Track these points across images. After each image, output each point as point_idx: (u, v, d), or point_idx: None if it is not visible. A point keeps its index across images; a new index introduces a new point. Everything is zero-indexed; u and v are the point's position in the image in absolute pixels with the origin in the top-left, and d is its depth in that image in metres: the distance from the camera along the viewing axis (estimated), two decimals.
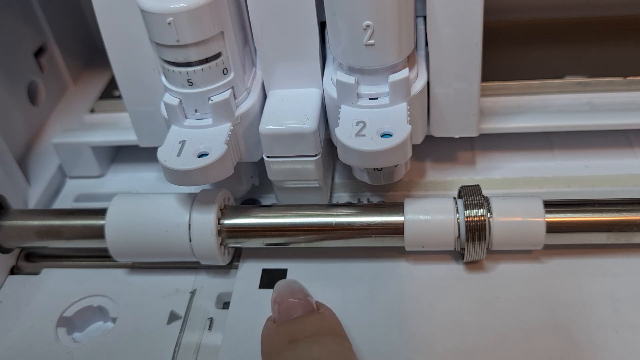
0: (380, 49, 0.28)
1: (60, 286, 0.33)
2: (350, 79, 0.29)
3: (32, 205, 0.37)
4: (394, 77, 0.29)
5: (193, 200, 0.31)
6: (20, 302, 0.33)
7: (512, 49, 0.40)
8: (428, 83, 0.32)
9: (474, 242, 0.30)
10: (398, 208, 0.30)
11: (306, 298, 0.27)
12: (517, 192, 0.35)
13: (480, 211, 0.30)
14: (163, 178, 0.29)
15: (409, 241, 0.30)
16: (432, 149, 0.37)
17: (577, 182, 0.35)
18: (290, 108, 0.31)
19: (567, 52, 0.39)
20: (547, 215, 0.30)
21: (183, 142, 0.29)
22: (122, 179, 0.40)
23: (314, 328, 0.25)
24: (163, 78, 0.30)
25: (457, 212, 0.30)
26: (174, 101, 0.30)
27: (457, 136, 0.34)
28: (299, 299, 0.27)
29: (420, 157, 0.38)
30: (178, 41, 0.28)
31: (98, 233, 0.32)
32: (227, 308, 0.31)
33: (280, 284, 0.28)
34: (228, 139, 0.29)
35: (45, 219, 0.33)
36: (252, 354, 0.29)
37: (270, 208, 0.32)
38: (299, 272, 0.32)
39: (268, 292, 0.31)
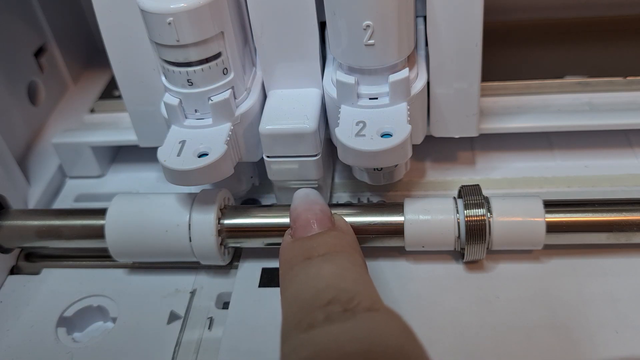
0: (380, 49, 0.28)
1: (60, 286, 0.33)
2: (350, 79, 0.29)
3: (32, 205, 0.37)
4: (394, 77, 0.29)
5: (193, 200, 0.31)
6: (20, 302, 0.33)
7: (512, 49, 0.40)
8: (428, 83, 0.32)
9: (474, 242, 0.30)
10: (398, 208, 0.30)
11: (323, 212, 0.27)
12: (517, 192, 0.35)
13: (480, 211, 0.30)
14: (163, 178, 0.29)
15: (409, 241, 0.30)
16: (432, 149, 0.37)
17: (577, 182, 0.35)
18: (290, 108, 0.31)
19: (567, 52, 0.39)
20: (547, 215, 0.30)
21: (183, 142, 0.29)
22: (122, 179, 0.40)
23: (329, 246, 0.25)
24: (163, 78, 0.30)
25: (457, 212, 0.30)
26: (174, 101, 0.30)
27: (457, 136, 0.34)
28: (315, 214, 0.27)
29: (420, 157, 0.38)
30: (178, 41, 0.28)
31: (98, 233, 0.32)
32: (227, 308, 0.31)
33: (298, 194, 0.28)
34: (228, 139, 0.29)
35: (45, 219, 0.33)
36: (252, 353, 0.29)
37: (270, 208, 0.32)
38: None
39: (268, 291, 0.31)
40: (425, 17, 0.30)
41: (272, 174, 0.32)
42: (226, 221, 0.31)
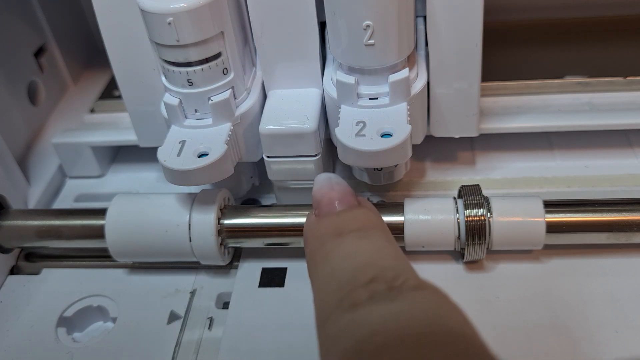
0: (380, 49, 0.28)
1: (60, 286, 0.33)
2: (350, 79, 0.29)
3: (32, 205, 0.37)
4: (394, 77, 0.29)
5: (193, 200, 0.31)
6: (20, 302, 0.33)
7: (512, 49, 0.40)
8: (428, 83, 0.32)
9: (474, 242, 0.30)
10: (398, 208, 0.30)
11: (347, 191, 0.26)
12: (517, 192, 0.35)
13: (480, 211, 0.30)
14: (163, 178, 0.29)
15: (409, 241, 0.30)
16: (432, 149, 0.37)
17: (577, 182, 0.35)
18: (290, 108, 0.31)
19: (567, 52, 0.39)
20: (547, 215, 0.30)
21: (183, 142, 0.29)
22: (122, 179, 0.40)
23: (360, 222, 0.24)
24: (163, 78, 0.30)
25: (457, 212, 0.30)
26: (174, 101, 0.30)
27: (457, 136, 0.34)
28: (339, 192, 0.26)
29: (420, 157, 0.38)
30: (178, 41, 0.28)
31: (98, 233, 0.32)
32: (227, 308, 0.31)
33: (320, 177, 0.27)
34: (228, 139, 0.29)
35: (45, 219, 0.33)
36: (252, 353, 0.29)
37: (270, 208, 0.32)
38: (299, 272, 0.32)
39: (268, 292, 0.31)
40: (425, 17, 0.30)
41: (272, 174, 0.32)
42: (226, 221, 0.31)
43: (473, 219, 0.29)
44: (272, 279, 0.32)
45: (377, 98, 0.30)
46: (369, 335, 0.19)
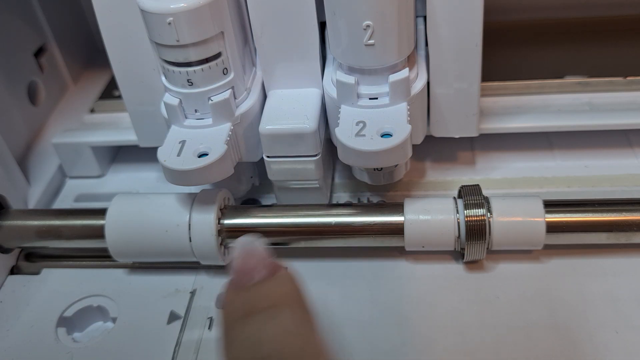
0: (380, 49, 0.28)
1: (60, 286, 0.33)
2: (350, 79, 0.29)
3: (32, 205, 0.37)
4: (394, 77, 0.29)
5: (193, 200, 0.31)
6: (20, 302, 0.33)
7: (512, 49, 0.40)
8: (428, 83, 0.32)
9: (474, 242, 0.30)
10: (398, 208, 0.30)
11: (263, 258, 0.25)
12: (517, 192, 0.35)
13: (480, 211, 0.30)
14: (163, 178, 0.29)
15: (409, 241, 0.30)
16: (432, 149, 0.37)
17: (577, 182, 0.35)
18: (290, 108, 0.31)
19: (567, 52, 0.39)
20: (547, 215, 0.30)
21: (183, 142, 0.29)
22: (122, 179, 0.40)
23: (271, 299, 0.23)
24: (163, 78, 0.30)
25: (457, 212, 0.30)
26: (174, 101, 0.30)
27: (457, 136, 0.34)
28: (256, 260, 0.25)
29: (420, 157, 0.38)
30: (178, 41, 0.28)
31: (98, 233, 0.32)
32: None
33: (239, 242, 0.26)
34: (228, 139, 0.29)
35: (45, 219, 0.33)
36: None
37: (270, 208, 0.32)
38: (299, 272, 0.32)
39: None
40: (425, 17, 0.30)
41: (272, 174, 0.32)
42: (226, 221, 0.31)
43: (473, 219, 0.29)
44: None
45: (377, 98, 0.30)
46: None
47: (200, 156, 0.29)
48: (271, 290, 0.24)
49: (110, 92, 0.42)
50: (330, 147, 0.34)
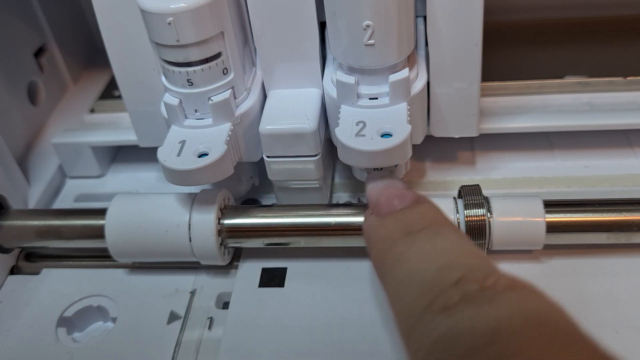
0: (380, 49, 0.28)
1: (60, 286, 0.33)
2: (350, 79, 0.29)
3: (32, 205, 0.37)
4: (394, 77, 0.29)
5: (193, 200, 0.31)
6: (20, 302, 0.33)
7: (512, 49, 0.40)
8: (428, 83, 0.32)
9: (474, 242, 0.30)
10: None
11: (404, 188, 0.25)
12: (517, 192, 0.35)
13: (480, 211, 0.30)
14: (163, 178, 0.29)
15: None
16: (432, 149, 0.37)
17: (577, 182, 0.35)
18: (290, 108, 0.31)
19: (567, 52, 0.39)
20: (547, 215, 0.30)
21: (183, 142, 0.29)
22: (122, 179, 0.40)
23: (428, 219, 0.23)
24: (163, 78, 0.30)
25: (457, 212, 0.30)
26: (174, 101, 0.30)
27: (457, 136, 0.34)
28: (397, 190, 0.24)
29: (420, 157, 0.38)
30: (178, 41, 0.28)
31: (98, 233, 0.32)
32: (227, 308, 0.31)
33: (373, 175, 0.25)
34: (228, 139, 0.29)
35: (45, 219, 0.33)
36: (252, 353, 0.29)
37: (270, 208, 0.32)
38: (299, 271, 0.32)
39: (268, 291, 0.31)
40: (425, 17, 0.30)
41: (272, 174, 0.32)
42: (226, 221, 0.31)
43: (473, 219, 0.29)
44: (272, 279, 0.32)
45: (377, 98, 0.30)
46: (484, 342, 0.18)
47: (200, 156, 0.29)
48: (425, 212, 0.23)
49: (110, 92, 0.42)
50: (330, 147, 0.34)
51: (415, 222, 0.23)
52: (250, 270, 0.32)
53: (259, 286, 0.32)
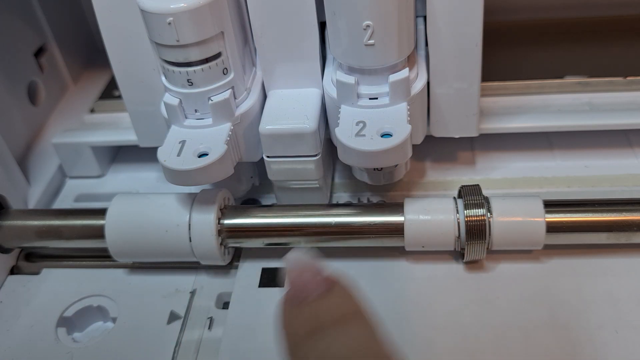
0: (380, 49, 0.28)
1: (60, 286, 0.33)
2: (350, 79, 0.29)
3: (32, 205, 0.37)
4: (394, 77, 0.29)
5: (193, 200, 0.31)
6: (20, 302, 0.33)
7: (512, 49, 0.40)
8: (428, 83, 0.32)
9: (474, 242, 0.30)
10: (398, 208, 0.30)
11: (320, 272, 0.24)
12: (517, 192, 0.35)
13: (480, 211, 0.30)
14: (163, 178, 0.29)
15: (409, 241, 0.30)
16: (432, 149, 0.37)
17: (577, 182, 0.35)
18: (290, 108, 0.31)
19: (567, 52, 0.39)
20: (547, 215, 0.30)
21: (183, 142, 0.29)
22: (122, 179, 0.40)
23: (337, 311, 0.23)
24: (163, 78, 0.30)
25: (457, 212, 0.30)
26: (174, 101, 0.30)
27: (457, 136, 0.34)
28: (312, 274, 0.24)
29: (420, 157, 0.38)
30: (178, 41, 0.28)
31: (98, 233, 0.32)
32: (227, 308, 0.31)
33: (289, 257, 0.25)
34: (228, 139, 0.29)
35: (45, 219, 0.33)
36: (252, 353, 0.29)
37: (270, 208, 0.32)
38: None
39: (268, 291, 0.31)
40: (425, 17, 0.30)
41: (272, 174, 0.32)
42: (226, 221, 0.31)
43: (473, 219, 0.29)
44: (272, 279, 0.32)
45: (377, 98, 0.30)
46: None
47: (200, 156, 0.29)
48: (333, 305, 0.23)
49: (110, 92, 0.42)
50: (330, 147, 0.34)
51: (323, 317, 0.23)
52: (250, 270, 0.32)
53: (259, 286, 0.32)
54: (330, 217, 0.31)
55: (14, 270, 0.35)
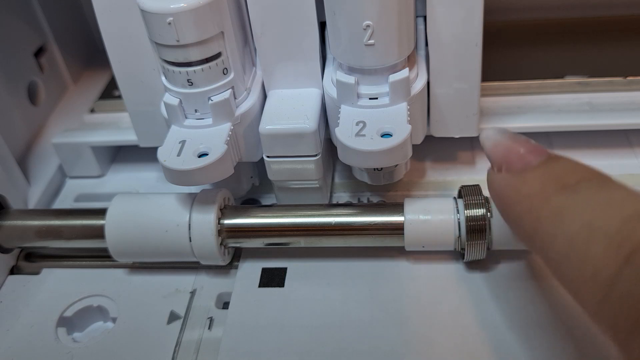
0: (380, 49, 0.28)
1: (60, 286, 0.33)
2: (350, 79, 0.29)
3: (32, 205, 0.37)
4: (394, 77, 0.29)
5: (193, 200, 0.31)
6: (20, 302, 0.33)
7: (512, 49, 0.40)
8: (428, 83, 0.32)
9: (474, 242, 0.30)
10: (398, 208, 0.30)
11: (533, 143, 0.23)
12: None
13: (481, 211, 0.30)
14: (163, 178, 0.29)
15: (409, 241, 0.30)
16: (432, 149, 0.37)
17: None
18: (290, 108, 0.31)
19: (567, 52, 0.39)
20: None
21: (183, 142, 0.29)
22: (122, 179, 0.40)
23: (580, 171, 0.21)
24: (163, 78, 0.30)
25: (457, 212, 0.30)
26: (174, 101, 0.30)
27: (457, 136, 0.34)
28: (527, 143, 0.22)
29: (420, 157, 0.38)
30: (178, 41, 0.28)
31: (98, 233, 0.32)
32: (227, 308, 0.31)
33: (491, 132, 0.23)
34: (228, 139, 0.29)
35: (45, 219, 0.33)
36: (252, 353, 0.29)
37: (270, 208, 0.32)
38: (299, 272, 0.32)
39: (268, 291, 0.31)
40: (425, 17, 0.30)
41: (272, 174, 0.32)
42: (226, 221, 0.31)
43: (473, 219, 0.29)
44: (272, 279, 0.32)
45: (377, 98, 0.30)
46: None
47: (200, 156, 0.29)
48: (571, 166, 0.21)
49: (110, 92, 0.42)
50: (330, 147, 0.34)
51: (567, 175, 0.20)
52: (250, 270, 0.32)
53: (259, 286, 0.32)
54: (330, 217, 0.31)
55: (14, 270, 0.35)
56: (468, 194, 0.30)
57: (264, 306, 0.31)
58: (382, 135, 0.28)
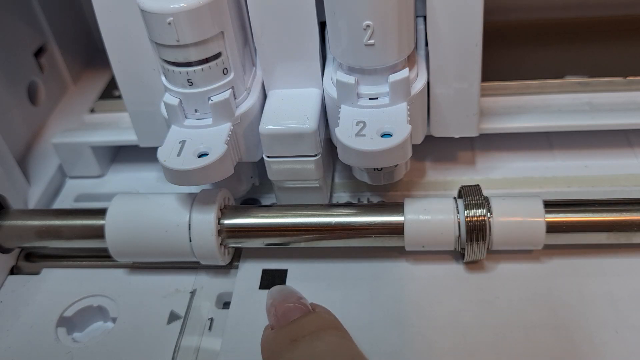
0: (380, 49, 0.28)
1: (60, 286, 0.33)
2: (350, 79, 0.29)
3: (32, 205, 0.37)
4: (394, 77, 0.29)
5: (193, 200, 0.31)
6: (20, 302, 0.33)
7: (512, 49, 0.40)
8: (428, 83, 0.32)
9: (474, 242, 0.30)
10: (398, 208, 0.30)
11: (300, 301, 0.27)
12: (517, 192, 0.35)
13: (481, 211, 0.30)
14: (163, 178, 0.29)
15: (409, 241, 0.30)
16: (432, 149, 0.37)
17: (577, 182, 0.35)
18: (290, 108, 0.31)
19: (567, 52, 0.39)
20: (547, 215, 0.30)
21: (183, 142, 0.29)
22: (122, 179, 0.40)
23: (313, 326, 0.25)
24: (163, 78, 0.30)
25: (457, 212, 0.30)
26: (174, 101, 0.30)
27: (457, 136, 0.34)
28: (293, 303, 0.27)
29: (420, 157, 0.38)
30: (178, 41, 0.28)
31: (98, 233, 0.32)
32: (227, 308, 0.31)
33: (273, 290, 0.28)
34: (228, 139, 0.29)
35: (45, 219, 0.33)
36: (252, 353, 0.29)
37: (270, 208, 0.32)
38: (299, 272, 0.32)
39: None
40: (425, 17, 0.30)
41: (272, 174, 0.32)
42: (226, 221, 0.31)
43: (473, 219, 0.29)
44: (273, 280, 0.32)
45: (377, 98, 0.30)
46: None
47: (200, 156, 0.29)
48: (312, 320, 0.25)
49: (110, 92, 0.42)
50: (330, 147, 0.34)
51: (301, 330, 0.24)
52: (251, 271, 0.32)
53: (260, 288, 0.32)
54: (330, 217, 0.31)
55: (14, 270, 0.35)
56: (468, 194, 0.30)
57: (264, 307, 0.30)
58: (382, 135, 0.28)
